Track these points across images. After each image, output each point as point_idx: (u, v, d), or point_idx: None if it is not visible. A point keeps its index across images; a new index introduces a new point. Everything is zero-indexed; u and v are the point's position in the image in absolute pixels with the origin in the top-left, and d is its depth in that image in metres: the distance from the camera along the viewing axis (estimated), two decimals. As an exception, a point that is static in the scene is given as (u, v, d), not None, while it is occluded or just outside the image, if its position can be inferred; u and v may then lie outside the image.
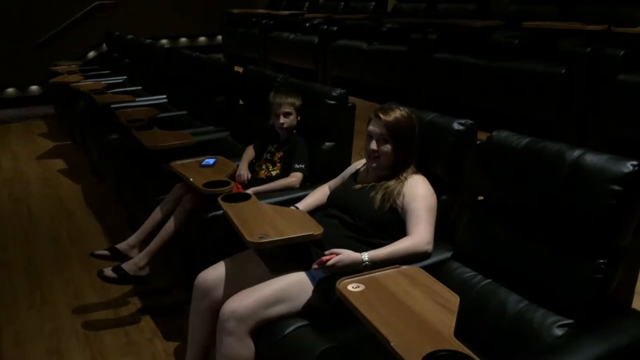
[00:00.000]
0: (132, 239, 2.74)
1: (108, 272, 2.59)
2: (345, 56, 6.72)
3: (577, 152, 1.59)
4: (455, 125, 2.06)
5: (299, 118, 2.81)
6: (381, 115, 2.06)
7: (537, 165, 1.66)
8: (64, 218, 3.99)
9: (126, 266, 2.59)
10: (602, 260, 1.51)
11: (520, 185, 1.71)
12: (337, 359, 1.65)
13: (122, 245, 2.73)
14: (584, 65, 4.00)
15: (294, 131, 2.81)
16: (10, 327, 2.70)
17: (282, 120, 2.76)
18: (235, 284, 1.98)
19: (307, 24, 7.65)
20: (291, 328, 1.80)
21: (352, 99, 2.87)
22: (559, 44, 4.53)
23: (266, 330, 1.83)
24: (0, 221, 4.01)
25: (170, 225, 2.62)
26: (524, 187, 1.70)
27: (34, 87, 8.18)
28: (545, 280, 1.60)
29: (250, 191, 2.49)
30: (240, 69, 3.92)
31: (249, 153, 2.98)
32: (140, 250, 2.69)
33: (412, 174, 2.07)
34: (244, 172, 2.84)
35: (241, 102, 3.90)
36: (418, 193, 2.00)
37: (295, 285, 1.88)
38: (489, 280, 1.75)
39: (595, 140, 3.97)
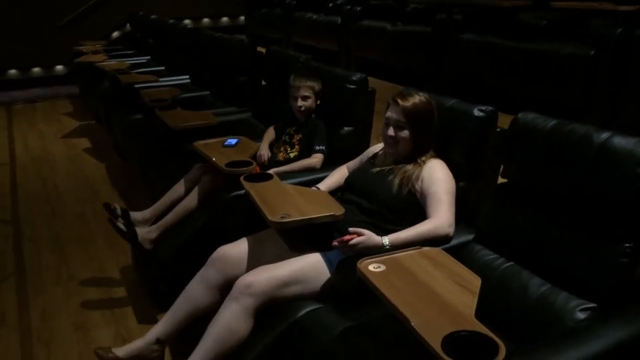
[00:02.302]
0: (148, 213, 2.75)
1: (120, 223, 2.59)
2: (369, 37, 6.65)
3: (604, 135, 1.56)
4: (476, 112, 2.03)
5: (318, 102, 2.80)
6: (399, 101, 2.03)
7: (563, 147, 1.64)
8: (89, 196, 4.05)
9: (138, 230, 2.61)
10: (628, 245, 1.48)
11: (546, 168, 1.69)
12: (357, 339, 1.65)
13: (136, 215, 2.72)
14: (613, 47, 3.91)
15: (313, 115, 2.81)
16: (38, 301, 2.77)
17: (299, 103, 2.75)
18: (254, 261, 2.00)
19: (331, 4, 7.59)
20: (307, 309, 1.80)
21: (374, 81, 2.85)
22: (588, 25, 4.42)
23: (280, 311, 1.82)
24: (28, 198, 4.10)
25: (186, 203, 2.64)
26: (550, 170, 1.67)
27: (59, 67, 8.28)
28: (569, 263, 1.59)
29: (271, 172, 2.50)
30: (263, 50, 3.91)
31: (270, 134, 2.99)
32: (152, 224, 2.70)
33: (430, 158, 2.05)
34: (264, 152, 2.85)
35: (264, 83, 3.90)
36: (437, 176, 1.99)
37: (311, 267, 1.89)
38: (511, 263, 1.74)
39: (624, 123, 3.89)
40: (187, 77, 4.80)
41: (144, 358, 2.01)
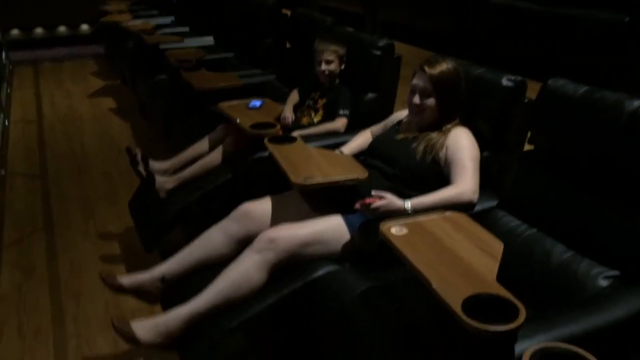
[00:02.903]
0: (167, 164, 2.77)
1: (141, 167, 2.62)
2: (395, 0, 6.52)
3: (637, 102, 1.53)
4: (504, 82, 2.00)
5: (342, 67, 2.78)
6: (426, 68, 2.01)
7: (593, 115, 1.61)
8: (114, 155, 4.11)
9: (156, 178, 2.63)
10: (654, 214, 1.47)
11: (574, 135, 1.66)
12: (377, 300, 1.68)
13: (155, 164, 2.73)
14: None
15: (337, 80, 2.79)
16: (66, 255, 2.85)
17: (323, 67, 2.74)
18: (277, 219, 2.02)
19: (357, -34, 7.43)
20: (325, 269, 1.81)
21: (400, 46, 2.80)
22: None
23: (298, 269, 1.84)
24: (56, 156, 4.18)
25: (208, 160, 2.66)
26: (578, 138, 1.65)
27: (84, 26, 8.30)
28: (593, 231, 1.58)
29: (295, 134, 2.51)
30: (288, 12, 3.87)
31: (294, 97, 2.98)
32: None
33: (455, 126, 2.04)
34: (288, 114, 2.85)
35: (288, 45, 3.87)
36: (462, 144, 1.97)
37: (332, 229, 1.90)
38: (535, 229, 1.74)
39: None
40: (212, 38, 4.78)
41: (144, 291, 2.02)
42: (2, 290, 2.59)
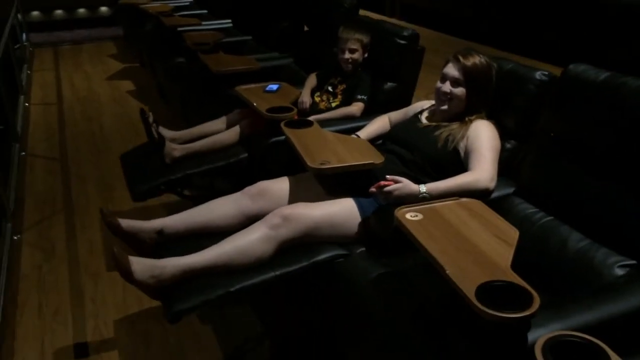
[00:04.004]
0: (177, 133, 2.76)
1: (155, 127, 2.59)
2: (415, -17, 6.44)
3: (660, 89, 1.49)
4: (538, 75, 1.96)
5: (365, 55, 2.77)
6: (460, 59, 2.03)
7: (614, 101, 1.58)
8: (132, 137, 4.15)
9: (167, 143, 2.61)
10: (674, 203, 1.45)
11: (594, 122, 1.64)
12: (392, 284, 1.68)
13: (166, 131, 2.72)
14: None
15: (359, 68, 2.78)
16: (85, 236, 2.90)
17: (347, 55, 2.74)
18: (291, 199, 2.03)
19: (377, -52, 7.33)
20: (332, 253, 1.81)
21: (419, 29, 2.76)
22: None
23: (306, 250, 1.83)
24: (75, 138, 4.23)
25: (220, 138, 2.67)
26: (598, 124, 1.63)
27: (103, 8, 8.33)
28: (611, 220, 1.56)
29: (312, 118, 2.50)
30: (307, -6, 3.84)
31: (312, 81, 2.97)
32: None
33: (479, 119, 2.03)
34: (306, 99, 2.84)
35: (306, 29, 3.84)
36: (482, 134, 1.97)
37: (345, 212, 1.90)
38: (551, 217, 1.73)
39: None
40: (230, 21, 4.77)
41: (138, 238, 1.98)
42: (22, 270, 2.65)
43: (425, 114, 2.23)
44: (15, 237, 2.88)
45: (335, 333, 1.91)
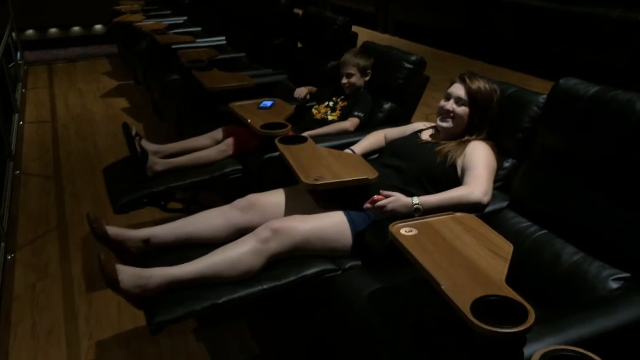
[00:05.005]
0: (159, 147, 2.77)
1: (137, 143, 2.58)
2: (407, -1, 6.51)
3: (649, 102, 1.51)
4: (542, 99, 1.97)
5: (367, 78, 2.84)
6: (466, 80, 2.09)
7: (604, 114, 1.60)
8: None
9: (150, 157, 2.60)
10: (667, 216, 1.46)
11: (585, 135, 1.65)
12: (387, 300, 1.68)
13: (148, 144, 2.70)
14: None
15: (362, 89, 2.85)
16: (79, 255, 2.89)
17: (344, 80, 2.83)
18: (281, 212, 2.03)
19: (369, -35, 7.42)
20: (321, 267, 1.81)
21: (412, 45, 2.81)
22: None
23: (296, 264, 1.83)
24: (69, 156, 4.22)
25: (203, 154, 2.68)
26: (589, 137, 1.64)
27: (98, 26, 8.37)
28: (604, 232, 1.57)
29: (306, 134, 2.52)
30: (300, 11, 3.87)
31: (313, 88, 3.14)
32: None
33: (479, 139, 2.07)
34: (303, 89, 3.05)
35: (300, 45, 3.87)
36: (479, 152, 2.00)
37: (336, 226, 1.90)
38: (545, 231, 1.73)
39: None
40: (224, 38, 4.80)
41: (123, 246, 1.97)
42: (16, 289, 2.63)
43: (425, 132, 2.27)
44: (9, 256, 2.87)
45: (332, 352, 1.89)
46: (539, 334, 1.22)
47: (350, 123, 2.70)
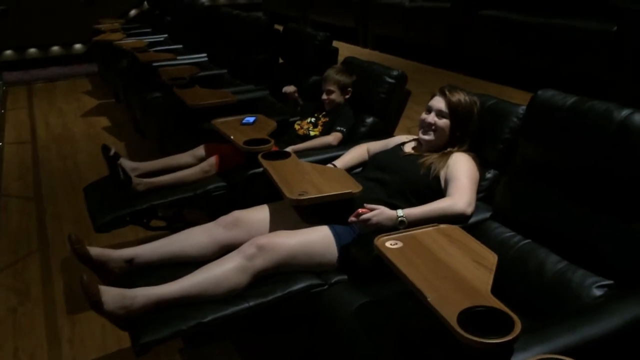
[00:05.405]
0: (139, 165, 2.74)
1: (120, 168, 2.54)
2: (386, 13, 6.58)
3: (625, 112, 1.54)
4: (521, 110, 2.01)
5: (347, 96, 2.87)
6: (447, 93, 2.11)
7: (583, 125, 1.63)
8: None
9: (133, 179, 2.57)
10: (646, 222, 1.48)
11: (564, 145, 1.68)
12: (373, 314, 1.68)
13: (126, 162, 2.69)
14: (636, 22, 3.83)
15: (344, 104, 2.88)
16: (62, 277, 2.84)
17: (324, 96, 2.86)
18: (266, 228, 2.03)
19: (348, -19, 7.50)
20: (306, 283, 1.81)
21: (392, 59, 2.84)
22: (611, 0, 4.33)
23: (281, 280, 1.82)
24: (50, 176, 4.17)
25: (185, 175, 2.67)
26: (568, 147, 1.66)
27: (77, 46, 8.33)
28: (586, 241, 1.59)
29: (289, 149, 2.52)
30: (280, 28, 3.90)
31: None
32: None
33: (461, 151, 2.09)
34: (291, 86, 3.13)
35: (281, 61, 3.89)
36: (461, 164, 2.02)
37: (321, 241, 1.91)
38: (528, 240, 1.75)
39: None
40: (205, 55, 4.81)
41: (106, 267, 1.95)
42: (-3, 313, 2.58)
43: (407, 145, 2.29)
44: (-11, 280, 2.82)
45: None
46: (526, 344, 1.23)
47: (334, 137, 2.72)
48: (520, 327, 1.17)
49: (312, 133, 2.85)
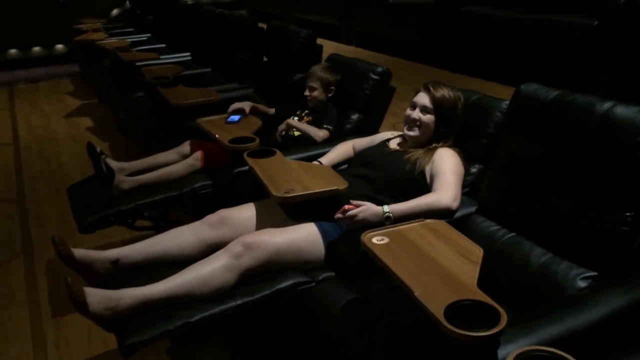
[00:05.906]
0: (124, 164, 2.72)
1: (104, 163, 2.52)
2: (370, 11, 6.59)
3: (607, 105, 1.56)
4: (505, 105, 2.02)
5: (330, 95, 2.85)
6: (431, 89, 2.12)
7: (565, 118, 1.64)
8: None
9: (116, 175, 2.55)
10: (628, 213, 1.50)
11: (548, 139, 1.69)
12: (362, 310, 1.68)
13: (113, 162, 2.66)
14: (616, 17, 3.87)
15: (327, 102, 2.86)
16: (46, 279, 2.81)
17: (306, 92, 2.84)
18: (253, 226, 2.03)
19: (331, -22, 7.49)
20: (293, 280, 1.81)
21: (375, 55, 2.84)
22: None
23: (269, 278, 1.82)
24: (33, 178, 4.12)
25: (170, 170, 2.66)
26: (551, 141, 1.68)
27: (59, 46, 8.24)
28: (570, 233, 1.60)
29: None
30: (264, 25, 3.89)
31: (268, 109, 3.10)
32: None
33: (446, 146, 2.10)
34: (247, 105, 2.92)
35: (265, 59, 3.88)
36: (446, 160, 2.03)
37: (307, 238, 1.91)
38: (513, 234, 1.76)
39: (631, 95, 3.87)
40: (188, 54, 4.78)
41: (91, 269, 1.93)
42: (-19, 317, 2.54)
43: (393, 141, 2.29)
44: (-28, 284, 2.78)
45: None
46: (512, 336, 1.24)
47: (322, 133, 2.72)
48: (507, 320, 1.18)
49: (295, 134, 2.83)
